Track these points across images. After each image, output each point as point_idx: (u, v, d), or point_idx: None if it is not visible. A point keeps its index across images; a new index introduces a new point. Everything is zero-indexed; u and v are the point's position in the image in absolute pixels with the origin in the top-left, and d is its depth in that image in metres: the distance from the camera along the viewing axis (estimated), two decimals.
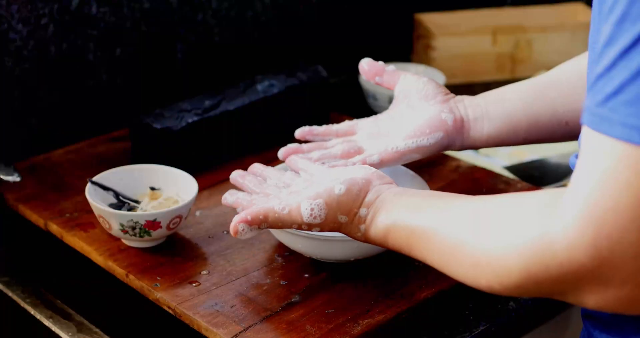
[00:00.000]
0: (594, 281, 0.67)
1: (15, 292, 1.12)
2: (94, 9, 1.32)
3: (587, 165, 0.67)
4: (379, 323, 0.96)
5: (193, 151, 1.24)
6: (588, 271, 0.67)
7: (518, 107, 1.04)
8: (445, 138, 1.04)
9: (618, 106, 0.64)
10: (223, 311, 0.97)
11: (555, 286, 0.69)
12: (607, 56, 0.66)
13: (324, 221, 0.89)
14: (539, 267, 0.69)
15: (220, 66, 1.51)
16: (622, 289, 0.67)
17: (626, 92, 0.64)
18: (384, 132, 1.07)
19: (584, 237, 0.66)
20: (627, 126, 0.64)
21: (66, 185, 1.21)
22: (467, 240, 0.75)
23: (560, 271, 0.68)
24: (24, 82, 1.28)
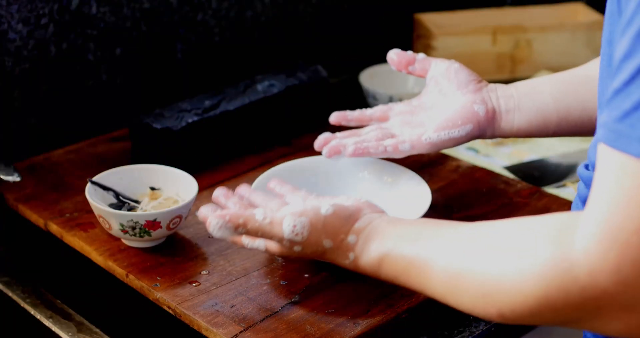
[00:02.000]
0: (617, 307, 0.64)
1: (15, 292, 1.12)
2: (94, 9, 1.32)
3: (605, 184, 0.64)
4: (379, 323, 0.96)
5: (193, 151, 1.24)
6: (611, 297, 0.63)
7: (549, 102, 1.03)
8: (477, 129, 1.04)
9: (637, 122, 0.62)
10: (223, 311, 0.97)
11: (575, 313, 0.66)
12: (625, 71, 0.64)
13: (305, 241, 0.87)
14: (558, 293, 0.66)
15: (220, 66, 1.51)
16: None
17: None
18: (417, 120, 1.07)
19: (606, 261, 0.63)
20: (631, 138, 0.62)
21: (66, 185, 1.21)
22: (472, 267, 0.72)
23: (581, 297, 0.64)
24: (24, 82, 1.28)
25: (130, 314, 1.19)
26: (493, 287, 0.70)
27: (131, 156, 1.27)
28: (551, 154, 1.40)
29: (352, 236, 0.86)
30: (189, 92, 1.46)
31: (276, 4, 1.54)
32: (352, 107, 1.16)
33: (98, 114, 1.38)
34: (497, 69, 1.71)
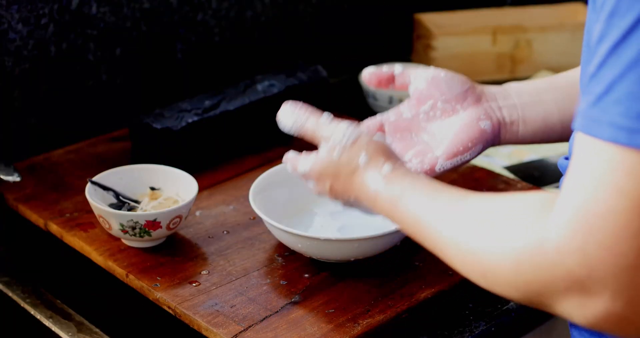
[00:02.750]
0: (581, 291, 0.65)
1: (15, 292, 1.12)
2: (94, 9, 1.32)
3: (577, 169, 0.65)
4: (379, 323, 0.96)
5: (193, 151, 1.24)
6: (576, 280, 0.64)
7: (554, 112, 0.99)
8: (485, 146, 1.00)
9: (608, 106, 0.62)
10: (223, 311, 0.97)
11: (544, 290, 0.67)
12: (598, 54, 0.64)
13: (349, 148, 0.86)
14: (530, 264, 0.67)
15: (220, 66, 1.51)
16: (613, 304, 0.64)
17: (616, 90, 0.62)
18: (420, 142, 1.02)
19: (573, 241, 0.64)
20: (615, 126, 0.62)
21: (66, 185, 1.21)
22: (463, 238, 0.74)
23: (550, 274, 0.66)
24: (24, 82, 1.28)
25: (130, 314, 1.19)
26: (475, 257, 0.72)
27: (131, 156, 1.27)
28: (551, 154, 1.40)
29: (388, 165, 0.85)
30: (189, 92, 1.46)
31: (276, 4, 1.54)
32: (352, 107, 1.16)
33: (98, 114, 1.38)
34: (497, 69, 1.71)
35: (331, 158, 0.87)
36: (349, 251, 1.01)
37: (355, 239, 1.00)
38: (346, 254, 1.02)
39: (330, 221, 1.12)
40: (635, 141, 0.61)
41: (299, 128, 0.91)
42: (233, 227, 1.12)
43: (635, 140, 0.61)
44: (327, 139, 0.88)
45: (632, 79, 0.62)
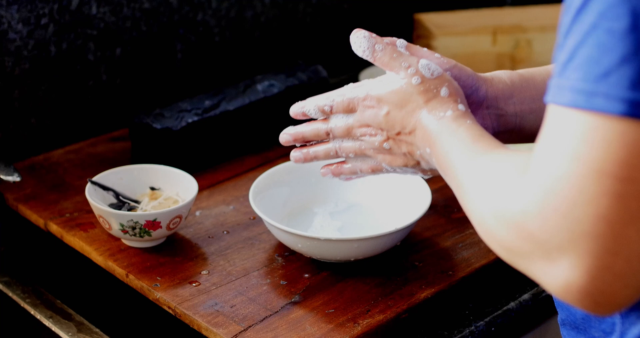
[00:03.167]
0: (544, 256, 0.65)
1: (15, 292, 1.12)
2: (94, 9, 1.32)
3: (542, 135, 0.66)
4: (379, 323, 0.96)
5: (193, 151, 1.24)
6: (538, 244, 0.65)
7: None
8: None
9: (570, 73, 0.63)
10: (223, 311, 0.97)
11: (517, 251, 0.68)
12: (563, 24, 0.65)
13: (431, 79, 0.86)
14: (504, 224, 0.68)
15: (220, 66, 1.51)
16: (571, 273, 0.63)
17: (577, 56, 0.63)
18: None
19: (533, 206, 0.65)
20: (574, 90, 0.63)
21: (66, 185, 1.21)
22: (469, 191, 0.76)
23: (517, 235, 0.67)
24: (24, 82, 1.28)
25: (130, 314, 1.19)
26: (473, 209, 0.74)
27: (131, 156, 1.27)
28: None
29: (462, 106, 0.85)
30: (189, 92, 1.46)
31: (276, 4, 1.54)
32: None
33: (98, 114, 1.38)
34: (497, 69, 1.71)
35: (409, 84, 0.86)
36: (349, 251, 1.01)
37: (355, 239, 1.00)
38: (346, 254, 1.02)
39: (330, 221, 1.12)
40: (593, 103, 0.62)
41: (373, 53, 0.90)
42: (233, 227, 1.12)
43: (593, 103, 0.62)
44: (405, 68, 0.87)
45: (590, 44, 0.62)
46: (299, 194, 1.14)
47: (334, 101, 0.91)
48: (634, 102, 0.60)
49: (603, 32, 0.62)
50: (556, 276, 0.64)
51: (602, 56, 0.62)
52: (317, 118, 0.94)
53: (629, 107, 0.60)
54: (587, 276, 0.63)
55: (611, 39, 0.61)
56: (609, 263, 0.62)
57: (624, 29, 0.61)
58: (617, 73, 0.61)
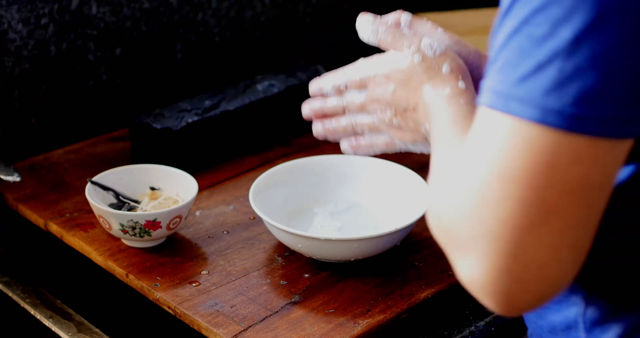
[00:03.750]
0: (455, 249, 0.67)
1: (15, 292, 1.12)
2: (94, 9, 1.32)
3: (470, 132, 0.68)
4: (379, 323, 0.96)
5: (193, 151, 1.24)
6: (449, 237, 0.67)
7: None
8: None
9: (493, 74, 0.64)
10: (223, 311, 0.97)
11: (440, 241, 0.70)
12: (493, 25, 0.67)
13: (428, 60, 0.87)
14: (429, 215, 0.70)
15: (220, 66, 1.51)
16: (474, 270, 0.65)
17: (499, 58, 0.64)
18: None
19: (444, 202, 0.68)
20: (494, 92, 0.64)
21: (66, 185, 1.21)
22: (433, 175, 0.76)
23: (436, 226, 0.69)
24: (24, 82, 1.28)
25: (130, 314, 1.19)
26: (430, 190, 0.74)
27: (131, 156, 1.27)
28: None
29: (462, 83, 0.86)
30: (189, 92, 1.46)
31: (276, 4, 1.54)
32: None
33: (98, 114, 1.38)
34: None
35: (412, 62, 0.87)
36: (349, 251, 1.01)
37: (355, 239, 1.00)
38: (346, 254, 1.02)
39: (330, 221, 1.12)
40: (509, 107, 0.62)
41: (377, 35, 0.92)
42: (233, 227, 1.12)
43: (508, 106, 0.62)
44: (409, 47, 0.88)
45: (511, 48, 0.63)
46: (299, 194, 1.14)
47: (348, 80, 0.93)
48: (546, 110, 0.61)
49: (524, 37, 0.62)
50: (464, 272, 0.66)
51: (520, 61, 0.62)
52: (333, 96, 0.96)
53: (540, 114, 0.61)
54: (486, 276, 0.64)
55: (530, 44, 0.62)
56: (507, 267, 0.63)
57: (543, 36, 0.61)
58: (533, 79, 0.61)
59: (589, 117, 0.60)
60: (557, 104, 0.60)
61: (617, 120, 0.60)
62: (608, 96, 0.60)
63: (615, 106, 0.60)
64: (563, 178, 0.61)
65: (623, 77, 0.60)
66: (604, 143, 0.61)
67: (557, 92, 0.60)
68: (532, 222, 0.62)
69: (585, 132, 0.60)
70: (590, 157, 0.61)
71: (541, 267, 0.63)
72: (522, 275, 0.63)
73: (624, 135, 0.61)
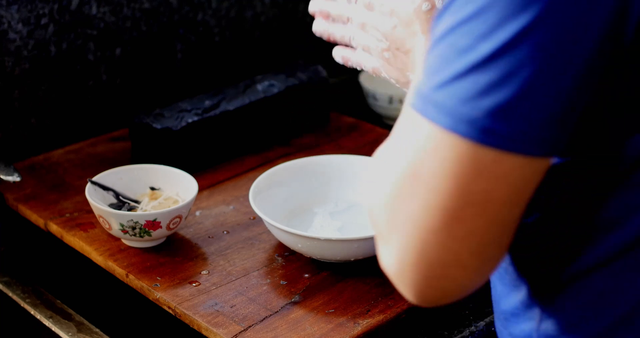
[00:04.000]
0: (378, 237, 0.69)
1: (15, 292, 1.12)
2: (94, 9, 1.32)
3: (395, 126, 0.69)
4: (379, 323, 0.96)
5: (193, 151, 1.24)
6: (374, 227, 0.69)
7: None
8: None
9: (419, 75, 0.65)
10: (223, 311, 0.97)
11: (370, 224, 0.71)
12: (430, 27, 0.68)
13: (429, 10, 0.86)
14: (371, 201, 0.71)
15: (220, 66, 1.51)
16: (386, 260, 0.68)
17: (426, 61, 0.65)
18: None
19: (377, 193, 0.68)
20: (417, 92, 0.65)
21: (66, 185, 1.21)
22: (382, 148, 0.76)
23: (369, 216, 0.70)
24: (24, 82, 1.28)
25: (130, 314, 1.19)
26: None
27: (131, 156, 1.27)
28: None
29: None
30: (189, 92, 1.46)
31: (276, 4, 1.54)
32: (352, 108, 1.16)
33: (98, 114, 1.38)
34: None
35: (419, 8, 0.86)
36: (349, 251, 1.01)
37: (355, 239, 1.00)
38: (346, 254, 1.02)
39: (330, 221, 1.12)
40: (426, 110, 0.63)
41: None
42: (233, 227, 1.12)
43: (425, 109, 0.63)
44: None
45: (436, 53, 0.64)
46: (299, 194, 1.14)
47: None
48: (459, 119, 0.61)
49: (448, 45, 0.63)
50: (382, 259, 0.69)
51: (441, 67, 0.63)
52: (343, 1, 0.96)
53: (453, 123, 0.62)
54: (397, 267, 0.67)
55: (452, 53, 0.63)
56: (414, 261, 0.65)
57: (464, 48, 0.62)
58: (451, 87, 0.62)
59: (498, 132, 0.61)
60: (469, 115, 0.61)
61: (527, 139, 0.61)
62: (519, 114, 0.60)
63: (526, 124, 0.61)
64: (466, 188, 0.62)
65: (537, 97, 0.60)
66: (512, 159, 0.61)
67: (471, 104, 0.61)
68: (435, 225, 0.63)
69: (493, 146, 0.61)
70: (495, 172, 0.62)
71: (444, 267, 0.65)
72: (427, 271, 0.65)
73: (533, 154, 0.62)
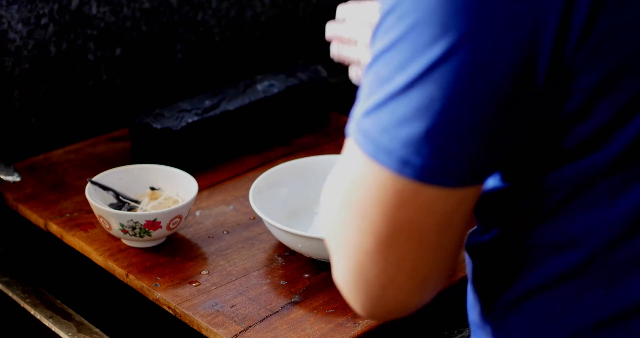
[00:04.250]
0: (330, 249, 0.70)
1: (15, 292, 1.12)
2: (94, 9, 1.32)
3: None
4: (379, 323, 0.96)
5: (193, 151, 1.24)
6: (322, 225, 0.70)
7: None
8: None
9: (357, 98, 0.66)
10: (223, 311, 0.97)
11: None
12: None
13: None
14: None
15: (220, 66, 1.51)
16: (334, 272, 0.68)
17: (361, 88, 0.65)
18: None
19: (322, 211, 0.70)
20: (352, 116, 0.65)
21: (66, 185, 1.21)
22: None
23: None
24: (24, 82, 1.28)
25: (130, 314, 1.19)
26: None
27: (131, 156, 1.27)
28: None
29: None
30: (189, 92, 1.46)
31: (276, 4, 1.54)
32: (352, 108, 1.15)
33: (98, 114, 1.38)
34: None
35: None
36: None
37: None
38: None
39: None
40: (356, 136, 0.64)
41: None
42: (233, 227, 1.12)
43: (355, 135, 0.64)
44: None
45: (366, 80, 0.65)
46: (299, 194, 1.14)
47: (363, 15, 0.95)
48: (379, 148, 0.62)
49: (374, 73, 0.64)
50: (333, 272, 0.70)
51: (368, 95, 0.64)
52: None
53: (375, 151, 0.62)
54: (343, 282, 0.68)
55: (376, 82, 0.63)
56: (355, 280, 0.67)
57: (385, 77, 0.62)
58: (374, 116, 0.63)
59: (414, 163, 0.61)
60: (387, 145, 0.62)
61: (443, 171, 0.61)
62: (434, 147, 0.61)
63: (441, 157, 0.61)
64: (392, 216, 0.63)
65: (451, 131, 0.61)
66: (431, 190, 0.62)
67: (389, 134, 0.62)
68: (370, 249, 0.64)
69: (411, 177, 0.61)
70: (416, 202, 0.62)
71: (382, 288, 0.66)
72: (368, 291, 0.66)
73: (451, 186, 0.62)
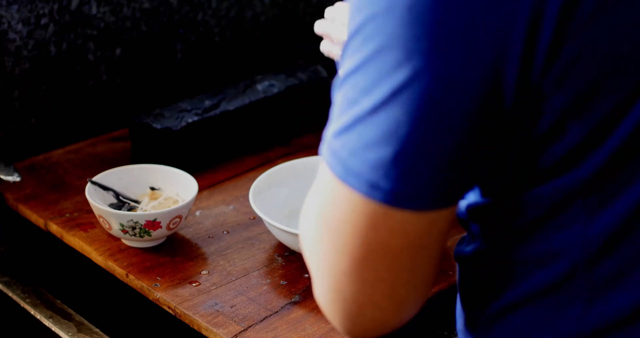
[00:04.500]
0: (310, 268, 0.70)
1: (15, 292, 1.12)
2: (94, 9, 1.32)
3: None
4: None
5: (193, 151, 1.24)
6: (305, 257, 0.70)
7: None
8: None
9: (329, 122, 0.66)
10: (223, 311, 0.97)
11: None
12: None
13: None
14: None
15: (220, 66, 1.51)
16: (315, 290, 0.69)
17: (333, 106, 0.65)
18: None
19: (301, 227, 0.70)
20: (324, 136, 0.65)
21: (66, 185, 1.21)
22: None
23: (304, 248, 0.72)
24: (24, 82, 1.28)
25: (130, 314, 1.19)
26: None
27: (131, 156, 1.27)
28: None
29: None
30: (189, 92, 1.46)
31: (276, 4, 1.54)
32: None
33: (98, 114, 1.38)
34: None
35: None
36: None
37: None
38: None
39: None
40: (327, 158, 0.64)
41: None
42: (233, 227, 1.12)
43: (327, 158, 0.64)
44: None
45: (336, 101, 0.64)
46: (299, 194, 1.14)
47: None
48: (349, 170, 0.62)
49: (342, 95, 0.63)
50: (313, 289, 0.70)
51: (338, 116, 0.63)
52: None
53: (344, 174, 0.62)
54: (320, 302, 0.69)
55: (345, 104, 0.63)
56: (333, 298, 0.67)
57: (352, 100, 0.62)
58: (343, 137, 0.62)
59: (383, 187, 0.61)
60: (356, 168, 0.61)
61: (412, 195, 0.61)
62: (402, 171, 0.60)
63: (409, 181, 0.61)
64: (364, 237, 0.62)
65: (417, 155, 0.60)
66: (402, 214, 0.62)
67: (358, 157, 0.61)
68: (345, 269, 0.64)
69: (380, 200, 0.61)
70: (385, 224, 0.62)
71: (360, 307, 0.66)
72: (346, 309, 0.66)
73: (421, 209, 0.62)
